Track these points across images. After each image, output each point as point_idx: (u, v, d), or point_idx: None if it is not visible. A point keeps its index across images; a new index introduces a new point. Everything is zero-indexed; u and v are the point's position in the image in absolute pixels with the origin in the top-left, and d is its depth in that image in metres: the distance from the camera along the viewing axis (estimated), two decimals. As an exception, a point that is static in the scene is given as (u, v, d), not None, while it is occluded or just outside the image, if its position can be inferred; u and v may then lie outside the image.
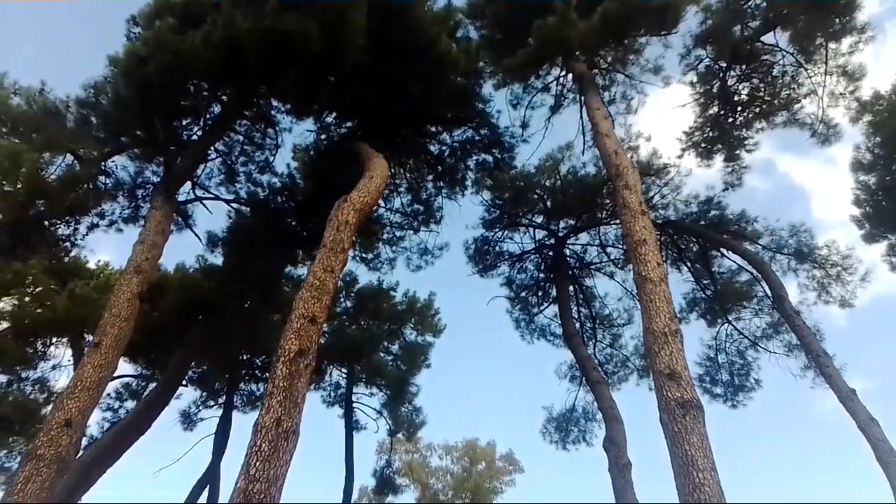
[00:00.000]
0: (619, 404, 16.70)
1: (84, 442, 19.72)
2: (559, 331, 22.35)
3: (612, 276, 23.39)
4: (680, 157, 22.18)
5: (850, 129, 20.24)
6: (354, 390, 26.57)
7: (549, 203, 22.70)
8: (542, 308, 23.85)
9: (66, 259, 20.33)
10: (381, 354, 26.91)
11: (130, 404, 22.84)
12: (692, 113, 21.74)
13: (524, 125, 21.06)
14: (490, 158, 21.26)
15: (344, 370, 26.45)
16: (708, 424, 8.39)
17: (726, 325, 21.30)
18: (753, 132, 21.29)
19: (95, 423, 23.58)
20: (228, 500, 7.48)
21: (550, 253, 23.24)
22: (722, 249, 20.99)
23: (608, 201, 21.46)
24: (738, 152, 21.39)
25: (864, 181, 19.95)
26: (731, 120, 21.25)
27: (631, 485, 14.54)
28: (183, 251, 34.83)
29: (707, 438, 8.15)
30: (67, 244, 17.46)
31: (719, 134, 21.43)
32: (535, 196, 22.78)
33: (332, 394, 26.56)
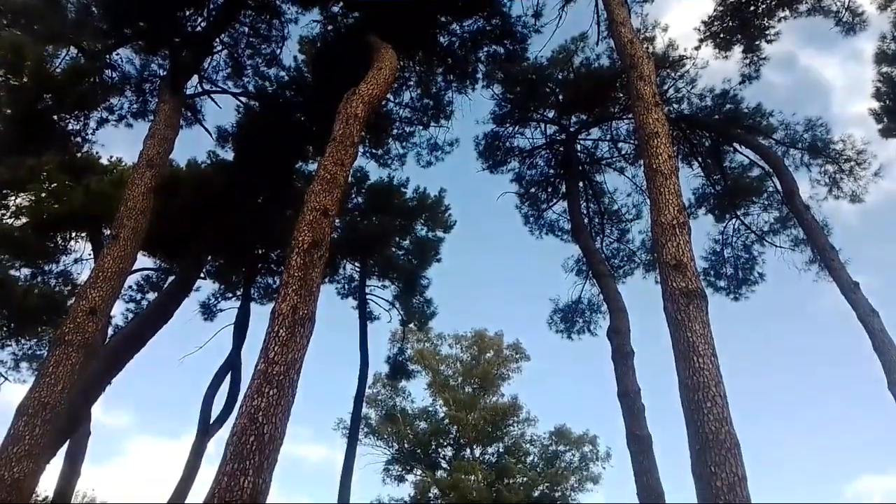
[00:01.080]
0: (624, 297, 17.17)
1: (110, 332, 20.69)
2: (567, 226, 22.58)
3: (622, 171, 23.29)
4: (697, 48, 21.39)
5: (877, 19, 19.37)
6: (367, 283, 27.28)
7: (560, 97, 22.21)
8: (551, 204, 23.95)
9: (79, 155, 20.44)
10: (393, 249, 27.39)
11: (151, 296, 23.68)
12: (711, 1, 20.79)
13: (537, 14, 20.26)
14: (501, 50, 20.63)
15: (357, 264, 27.04)
16: (710, 320, 8.68)
17: (734, 220, 21.41)
18: (775, 21, 20.39)
19: (119, 313, 24.59)
20: (249, 382, 7.93)
21: (561, 149, 23.02)
22: (735, 144, 20.71)
23: (621, 95, 20.98)
24: (757, 43, 20.58)
25: (887, 73, 19.30)
26: (752, 8, 20.31)
27: (633, 370, 15.21)
28: (194, 148, 34.74)
29: (709, 326, 8.45)
30: (79, 139, 17.53)
31: (739, 24, 20.54)
32: (547, 90, 22.25)
33: (346, 286, 27.32)
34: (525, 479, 45.76)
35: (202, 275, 23.21)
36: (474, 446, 49.33)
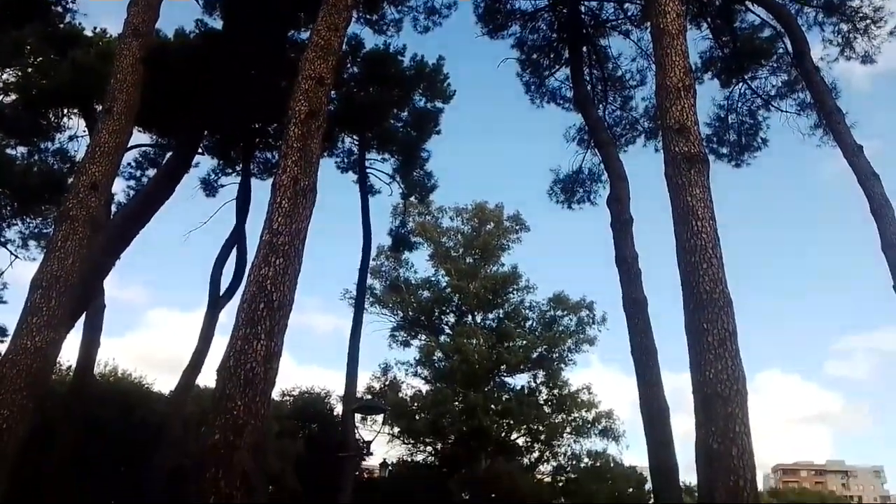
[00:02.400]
0: (625, 166, 17.08)
1: (113, 209, 20.83)
2: (569, 94, 21.96)
3: (627, 34, 22.25)
4: None
5: None
6: (367, 157, 27.08)
7: (565, -50, 20.82)
8: (553, 71, 23.13)
9: (62, 26, 19.54)
10: (392, 121, 26.86)
11: (151, 172, 23.58)
12: None
13: None
14: None
15: (355, 137, 26.67)
16: (710, 185, 8.67)
17: (740, 84, 20.82)
18: None
19: (121, 190, 24.64)
20: (255, 253, 8.09)
21: (564, 10, 21.86)
22: (746, 2, 19.67)
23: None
24: None
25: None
26: None
27: (631, 237, 15.48)
28: (180, 17, 33.10)
29: (709, 191, 8.49)
30: (59, 9, 16.67)
31: None
32: (551, -57, 20.82)
33: (346, 160, 27.13)
34: (524, 342, 47.93)
35: (200, 150, 22.98)
36: (475, 313, 51.23)
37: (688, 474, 19.96)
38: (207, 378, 37.93)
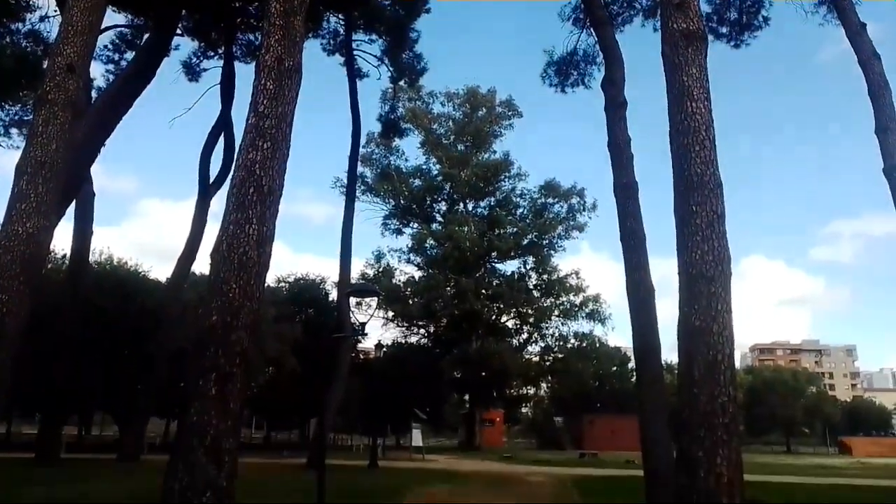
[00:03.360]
0: (621, 49, 16.46)
1: (94, 95, 20.15)
2: (566, -32, 20.79)
3: None
4: None
5: None
6: (354, 37, 25.98)
7: None
8: (550, -58, 21.72)
9: None
10: (379, -1, 25.58)
11: (130, 55, 22.64)
12: None
13: None
14: None
15: (341, 16, 25.46)
16: (707, 65, 8.41)
17: (747, -44, 19.70)
18: None
19: (100, 74, 23.77)
20: (242, 137, 7.93)
21: None
22: None
23: None
24: None
25: None
26: None
27: (624, 121, 15.21)
28: None
29: (705, 70, 8.24)
30: None
31: None
32: None
33: (332, 42, 26.08)
34: (515, 229, 48.50)
35: (179, 31, 21.95)
36: (467, 201, 51.42)
37: (669, 354, 20.93)
38: (202, 266, 38.36)
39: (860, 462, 42.57)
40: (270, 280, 43.87)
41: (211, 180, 25.75)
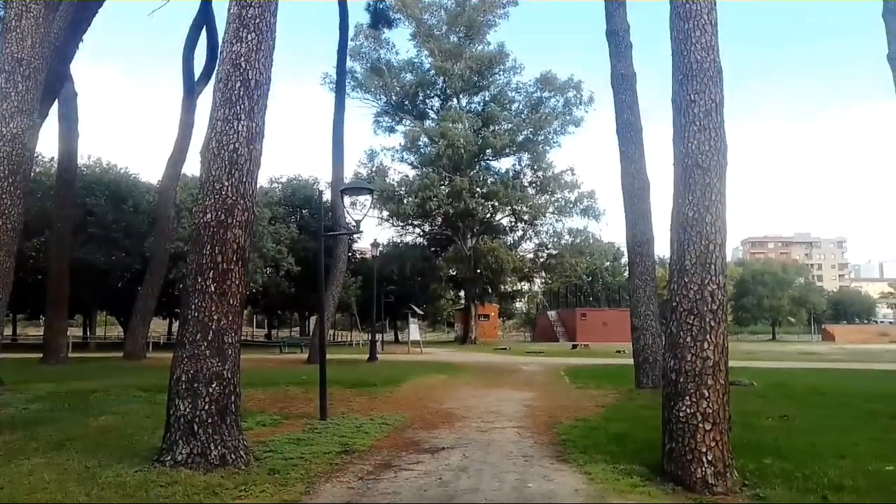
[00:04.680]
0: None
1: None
2: None
3: None
4: None
5: None
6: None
7: None
8: None
9: None
10: None
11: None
12: None
13: None
14: None
15: None
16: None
17: None
18: None
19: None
20: (225, 28, 7.59)
21: None
22: None
23: None
24: None
25: None
26: None
27: (623, 7, 14.65)
28: None
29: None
30: None
31: None
32: None
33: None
34: (510, 125, 47.65)
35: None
36: (460, 96, 50.15)
37: (661, 249, 21.17)
38: (192, 167, 37.91)
39: (842, 348, 44.29)
40: (263, 181, 43.60)
41: (196, 77, 24.96)
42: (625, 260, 44.15)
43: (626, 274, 16.26)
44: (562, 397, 12.81)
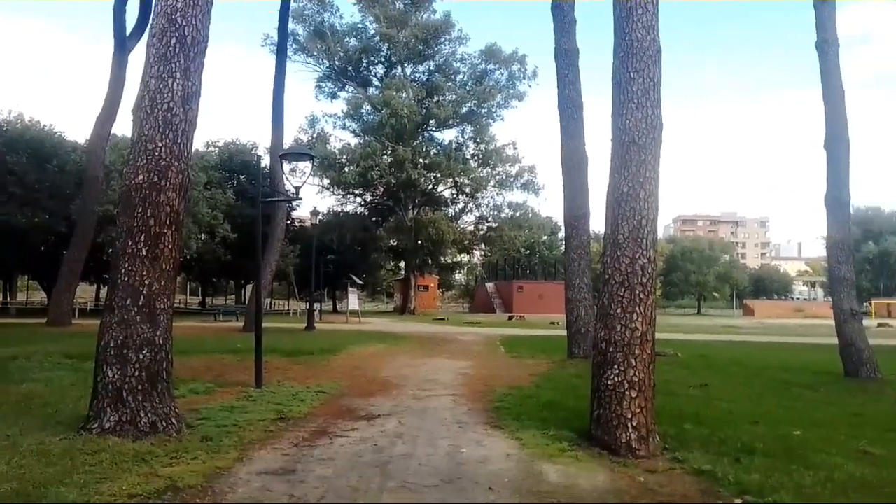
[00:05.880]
0: None
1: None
2: None
3: None
4: None
5: None
6: None
7: None
8: None
9: None
10: None
11: None
12: None
13: None
14: None
15: None
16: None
17: None
18: None
19: None
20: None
21: None
22: None
23: None
24: None
25: None
26: None
27: (570, -17, 14.72)
28: None
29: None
30: None
31: None
32: None
33: None
34: (454, 96, 47.42)
35: None
36: (405, 64, 49.49)
37: (597, 224, 21.72)
38: (124, 126, 36.28)
39: (761, 323, 46.75)
40: (199, 144, 42.10)
41: (128, 32, 23.74)
42: (562, 234, 45.10)
43: (563, 248, 16.63)
44: (497, 366, 13.10)
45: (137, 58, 22.82)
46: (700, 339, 23.19)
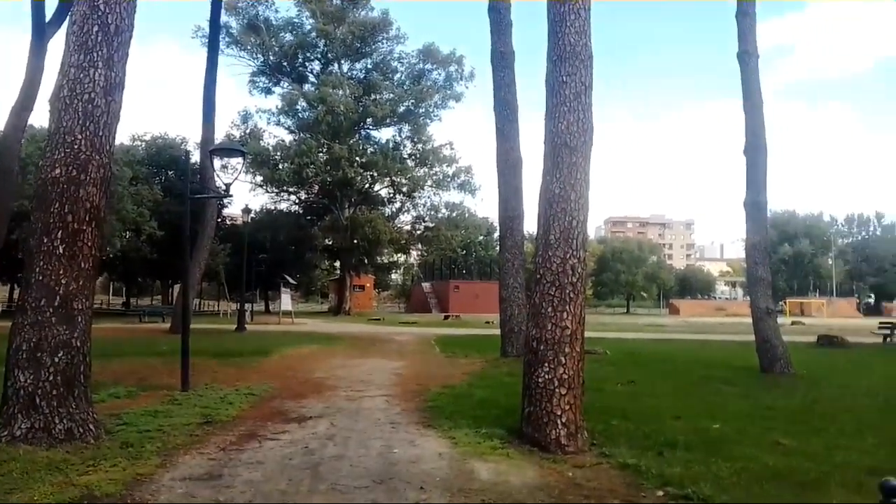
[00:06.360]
0: None
1: None
2: None
3: None
4: None
5: None
6: None
7: None
8: None
9: None
10: None
11: None
12: None
13: None
14: None
15: None
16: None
17: None
18: None
19: None
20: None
21: None
22: None
23: None
24: None
25: None
26: None
27: (505, -13, 14.90)
28: None
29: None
30: None
31: None
32: None
33: None
34: (392, 95, 47.18)
35: None
36: (342, 61, 48.90)
37: (531, 224, 22.11)
38: (41, 117, 34.42)
39: (685, 321, 48.62)
40: (124, 138, 40.41)
41: (48, 18, 22.49)
42: (497, 234, 45.77)
43: (498, 248, 16.87)
44: (431, 366, 13.13)
45: (57, 45, 21.71)
46: (628, 337, 23.91)
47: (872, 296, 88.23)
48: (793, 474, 4.98)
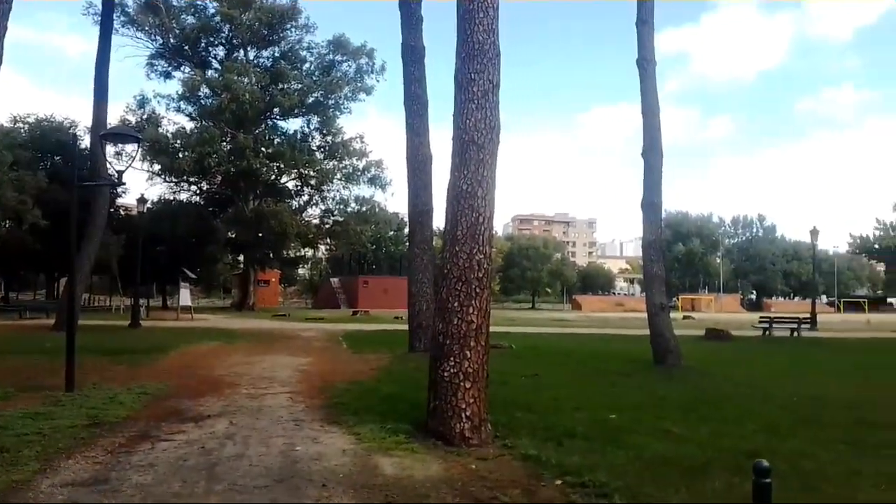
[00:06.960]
0: None
1: None
2: None
3: None
4: None
5: None
6: None
7: None
8: None
9: None
10: None
11: None
12: None
13: None
14: None
15: None
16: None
17: None
18: None
19: None
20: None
21: None
22: None
23: None
24: None
25: None
26: None
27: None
28: None
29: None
30: None
31: None
32: None
33: None
34: (300, 85, 46.05)
35: None
36: (248, 48, 47.25)
37: (440, 220, 22.27)
38: None
39: (587, 316, 50.56)
40: (4, 119, 37.29)
41: None
42: (407, 230, 45.74)
43: (408, 243, 16.84)
44: (338, 362, 12.96)
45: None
46: (533, 331, 24.55)
47: (754, 292, 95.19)
48: (681, 460, 5.27)
